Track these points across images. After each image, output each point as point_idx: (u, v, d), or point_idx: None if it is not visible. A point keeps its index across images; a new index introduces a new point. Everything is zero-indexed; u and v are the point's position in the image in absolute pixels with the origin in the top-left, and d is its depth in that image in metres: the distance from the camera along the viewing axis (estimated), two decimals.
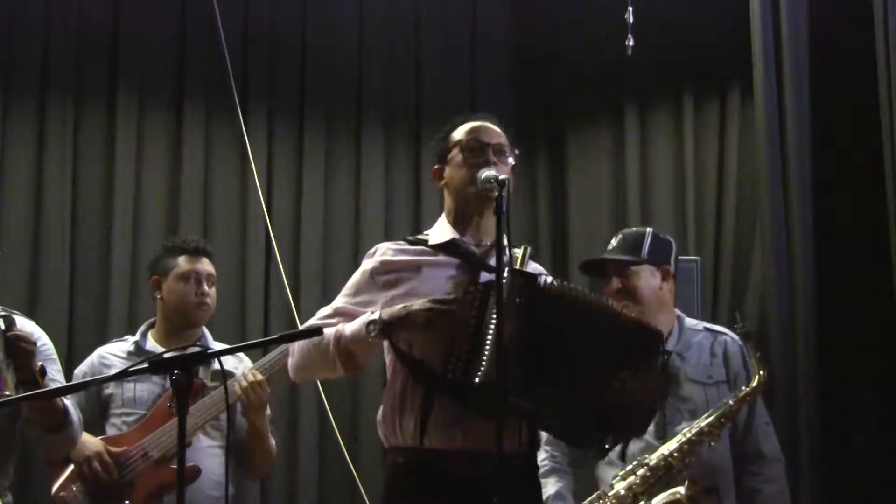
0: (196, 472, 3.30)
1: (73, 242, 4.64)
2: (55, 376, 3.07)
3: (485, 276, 2.57)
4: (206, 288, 3.52)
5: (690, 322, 3.41)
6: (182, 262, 3.55)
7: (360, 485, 4.72)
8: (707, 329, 3.41)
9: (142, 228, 4.72)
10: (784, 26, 4.15)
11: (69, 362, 3.84)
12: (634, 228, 3.50)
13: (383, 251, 2.70)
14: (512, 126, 5.71)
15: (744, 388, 3.23)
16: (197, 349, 2.32)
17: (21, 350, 2.80)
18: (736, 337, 3.41)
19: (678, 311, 3.42)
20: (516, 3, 5.48)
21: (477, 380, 2.39)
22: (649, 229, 3.43)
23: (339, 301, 2.71)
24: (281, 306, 4.85)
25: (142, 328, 3.63)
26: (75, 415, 3.07)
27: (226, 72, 4.84)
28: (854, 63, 4.06)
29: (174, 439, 3.30)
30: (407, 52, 5.31)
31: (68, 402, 3.03)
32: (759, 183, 4.25)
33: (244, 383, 3.32)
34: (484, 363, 2.38)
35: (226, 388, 2.61)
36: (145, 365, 2.23)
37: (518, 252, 2.63)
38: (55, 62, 4.69)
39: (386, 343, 2.61)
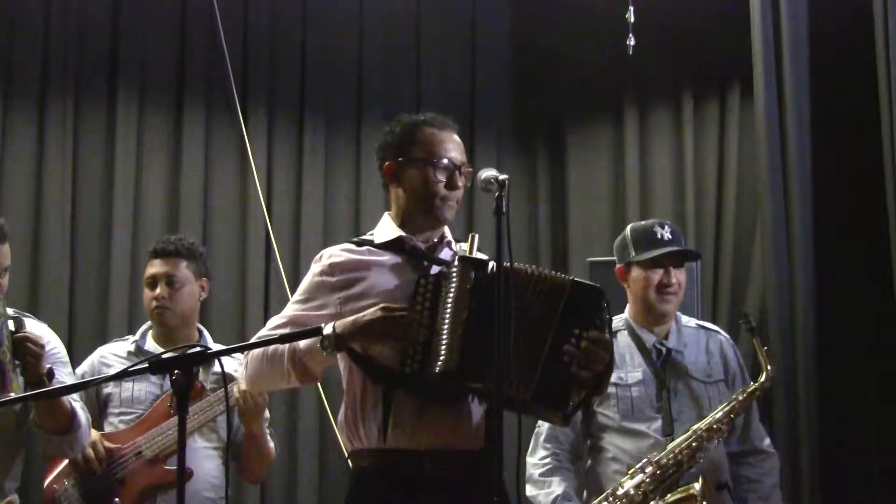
0: (189, 473, 3.29)
1: (73, 242, 4.64)
2: (64, 379, 3.06)
3: (435, 269, 2.57)
4: (158, 291, 3.48)
5: (684, 319, 3.41)
6: (147, 268, 3.56)
7: None
8: (699, 326, 3.42)
9: (142, 228, 4.72)
10: (784, 26, 4.16)
11: (69, 362, 3.83)
12: (668, 221, 3.41)
13: (330, 254, 2.69)
14: (512, 126, 5.70)
15: (752, 383, 3.24)
16: (197, 349, 2.30)
17: (29, 351, 2.80)
18: (728, 336, 3.43)
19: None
20: (516, 3, 5.47)
21: (437, 370, 2.40)
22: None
23: (291, 309, 2.69)
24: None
25: (142, 328, 3.63)
26: (83, 417, 3.07)
27: (226, 72, 4.83)
28: (854, 63, 4.06)
29: (169, 439, 3.31)
30: (407, 52, 5.31)
31: (77, 404, 3.03)
32: (759, 183, 4.25)
33: (242, 387, 3.31)
34: (443, 353, 2.40)
35: (226, 390, 2.59)
36: (145, 365, 2.23)
37: (465, 244, 2.63)
38: (55, 62, 4.68)
39: None
